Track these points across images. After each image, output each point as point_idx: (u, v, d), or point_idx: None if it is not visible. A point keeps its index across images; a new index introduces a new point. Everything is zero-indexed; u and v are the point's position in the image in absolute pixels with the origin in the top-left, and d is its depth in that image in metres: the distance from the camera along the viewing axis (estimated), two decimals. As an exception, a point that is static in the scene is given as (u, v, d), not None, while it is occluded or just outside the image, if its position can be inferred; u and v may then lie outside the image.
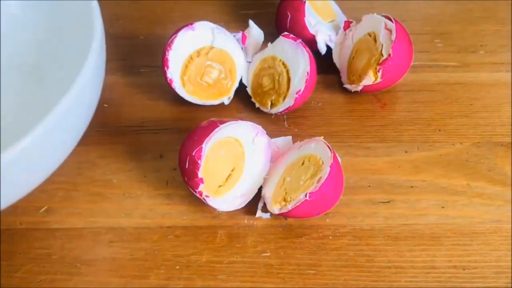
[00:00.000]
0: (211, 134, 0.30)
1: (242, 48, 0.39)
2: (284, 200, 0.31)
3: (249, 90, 0.39)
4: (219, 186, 0.31)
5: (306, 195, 0.29)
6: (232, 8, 0.48)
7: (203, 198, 0.30)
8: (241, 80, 0.39)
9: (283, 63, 0.37)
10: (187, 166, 0.30)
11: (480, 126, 0.38)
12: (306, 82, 0.35)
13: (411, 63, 0.38)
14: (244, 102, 0.39)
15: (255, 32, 0.39)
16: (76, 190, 0.34)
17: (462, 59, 0.43)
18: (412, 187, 0.34)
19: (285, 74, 0.37)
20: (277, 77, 0.37)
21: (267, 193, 0.32)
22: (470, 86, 0.41)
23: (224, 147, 0.31)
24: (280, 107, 0.37)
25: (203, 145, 0.29)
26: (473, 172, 0.35)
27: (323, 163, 0.30)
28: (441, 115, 0.39)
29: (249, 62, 0.39)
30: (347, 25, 0.41)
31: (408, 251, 0.31)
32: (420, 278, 0.30)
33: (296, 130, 0.38)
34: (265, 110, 0.38)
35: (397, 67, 0.37)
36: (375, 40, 0.38)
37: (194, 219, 0.33)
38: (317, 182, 0.30)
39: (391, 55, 0.36)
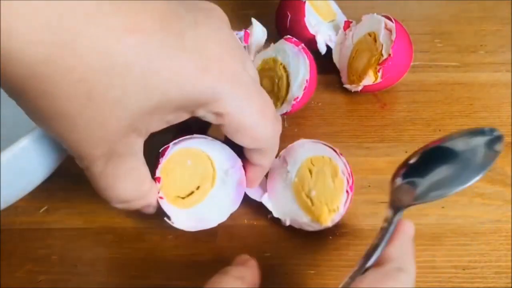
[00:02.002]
0: (183, 138, 0.29)
1: (244, 47, 0.39)
2: (330, 210, 0.30)
3: (249, 90, 0.39)
4: (178, 196, 0.30)
5: (347, 191, 0.30)
6: (232, 8, 0.48)
7: (158, 198, 0.29)
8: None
9: (284, 67, 0.37)
10: (154, 161, 0.29)
11: (480, 126, 0.38)
12: (304, 89, 0.35)
13: (411, 63, 0.38)
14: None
15: (258, 30, 0.39)
16: (76, 190, 0.34)
17: (462, 59, 0.43)
18: (412, 187, 0.34)
19: (285, 78, 0.37)
20: (277, 81, 0.37)
21: (301, 218, 0.31)
22: (470, 86, 0.41)
23: (193, 159, 0.30)
24: (278, 111, 0.37)
25: (171, 145, 0.29)
26: (473, 172, 0.35)
27: (330, 158, 0.31)
28: (441, 115, 0.39)
29: (252, 61, 0.39)
30: (347, 25, 0.41)
31: (408, 251, 0.31)
32: (420, 278, 0.30)
33: (296, 130, 0.38)
34: (263, 111, 0.38)
35: (397, 67, 0.37)
36: (375, 40, 0.38)
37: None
38: (343, 175, 0.30)
39: (391, 55, 0.36)
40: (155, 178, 0.28)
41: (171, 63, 0.22)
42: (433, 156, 0.27)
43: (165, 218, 0.29)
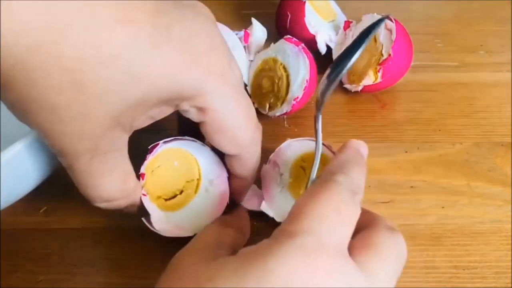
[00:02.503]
0: (174, 138, 0.29)
1: (244, 47, 0.39)
2: None
3: (249, 89, 0.39)
4: (161, 197, 0.29)
5: None
6: (232, 8, 0.48)
7: (141, 195, 0.28)
8: (241, 80, 0.39)
9: (284, 67, 0.37)
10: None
11: (480, 126, 0.38)
12: (304, 89, 0.35)
13: (411, 63, 0.38)
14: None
15: (258, 30, 0.39)
16: (76, 190, 0.34)
17: (462, 59, 0.43)
18: (412, 187, 0.34)
19: (284, 79, 0.37)
20: (276, 81, 0.37)
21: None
22: (470, 86, 0.41)
23: (181, 161, 0.29)
24: (277, 111, 0.37)
25: (161, 143, 0.28)
26: (473, 172, 0.35)
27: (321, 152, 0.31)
28: (441, 115, 0.39)
29: (251, 60, 0.39)
30: (347, 25, 0.41)
31: (409, 251, 0.31)
32: (421, 278, 0.30)
33: (296, 130, 0.38)
34: (262, 112, 0.38)
35: (397, 67, 0.37)
36: (375, 40, 0.38)
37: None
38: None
39: (391, 55, 0.36)
40: (139, 175, 0.28)
41: (159, 55, 0.21)
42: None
43: (143, 219, 0.28)
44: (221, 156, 0.29)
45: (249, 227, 0.30)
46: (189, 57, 0.23)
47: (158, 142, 0.28)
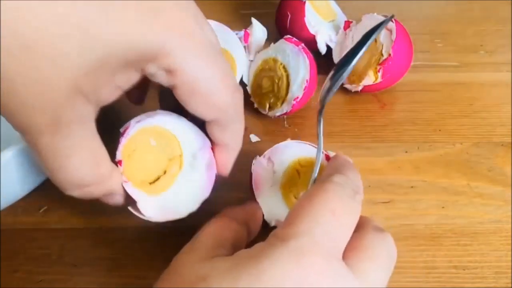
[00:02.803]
0: (145, 114, 0.27)
1: (244, 47, 0.39)
2: None
3: (249, 89, 0.39)
4: (144, 181, 0.27)
5: None
6: (232, 8, 0.48)
7: (123, 183, 0.26)
8: (241, 79, 0.39)
9: (284, 67, 0.37)
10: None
11: (480, 126, 0.38)
12: (304, 89, 0.35)
13: (411, 63, 0.38)
14: (244, 100, 0.39)
15: (258, 30, 0.39)
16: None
17: (462, 59, 0.43)
18: (412, 187, 0.34)
19: (284, 79, 0.37)
20: (276, 81, 0.37)
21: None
22: (470, 86, 0.41)
23: (158, 139, 0.27)
24: (278, 111, 0.37)
25: (132, 123, 0.26)
26: (473, 172, 0.35)
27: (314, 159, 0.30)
28: (441, 115, 0.39)
29: (251, 60, 0.39)
30: (347, 25, 0.41)
31: (409, 251, 0.31)
32: (421, 279, 0.30)
33: (296, 130, 0.38)
34: (262, 112, 0.38)
35: (397, 67, 0.37)
36: (375, 40, 0.38)
37: (194, 219, 0.33)
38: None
39: (391, 55, 0.36)
40: (116, 162, 0.25)
41: (114, 11, 0.20)
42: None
43: (129, 208, 0.27)
44: (202, 125, 0.27)
45: (259, 221, 0.29)
46: (148, 13, 0.21)
47: (129, 123, 0.26)
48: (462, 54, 0.43)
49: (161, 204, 0.27)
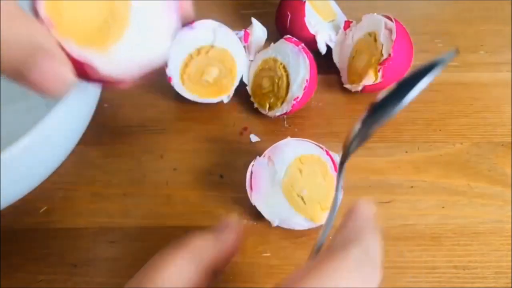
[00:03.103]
0: None
1: (244, 47, 0.39)
2: (323, 208, 0.30)
3: (249, 89, 0.39)
4: (88, 36, 0.21)
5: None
6: (232, 8, 0.48)
7: (59, 44, 0.20)
8: (241, 79, 0.39)
9: (284, 67, 0.37)
10: None
11: (481, 126, 0.38)
12: (304, 89, 0.35)
13: (411, 63, 0.38)
14: (244, 100, 0.39)
15: (258, 30, 0.39)
16: (76, 190, 0.34)
17: (462, 59, 0.43)
18: (412, 187, 0.34)
19: (284, 78, 0.37)
20: (276, 81, 0.37)
21: (293, 217, 0.31)
22: (470, 86, 0.41)
23: None
24: (277, 111, 0.37)
25: None
26: (473, 172, 0.35)
27: (318, 156, 0.30)
28: (441, 115, 0.39)
29: (251, 60, 0.39)
30: (347, 25, 0.41)
31: (409, 251, 0.31)
32: (421, 279, 0.30)
33: (296, 130, 0.38)
34: (262, 111, 0.38)
35: (397, 67, 0.37)
36: (375, 40, 0.38)
37: (194, 219, 0.33)
38: (333, 172, 0.30)
39: (391, 55, 0.36)
40: (42, 19, 0.20)
41: None
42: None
43: (82, 79, 0.21)
44: None
45: (237, 244, 0.23)
46: None
47: None
48: (462, 54, 0.43)
49: (120, 59, 0.21)
